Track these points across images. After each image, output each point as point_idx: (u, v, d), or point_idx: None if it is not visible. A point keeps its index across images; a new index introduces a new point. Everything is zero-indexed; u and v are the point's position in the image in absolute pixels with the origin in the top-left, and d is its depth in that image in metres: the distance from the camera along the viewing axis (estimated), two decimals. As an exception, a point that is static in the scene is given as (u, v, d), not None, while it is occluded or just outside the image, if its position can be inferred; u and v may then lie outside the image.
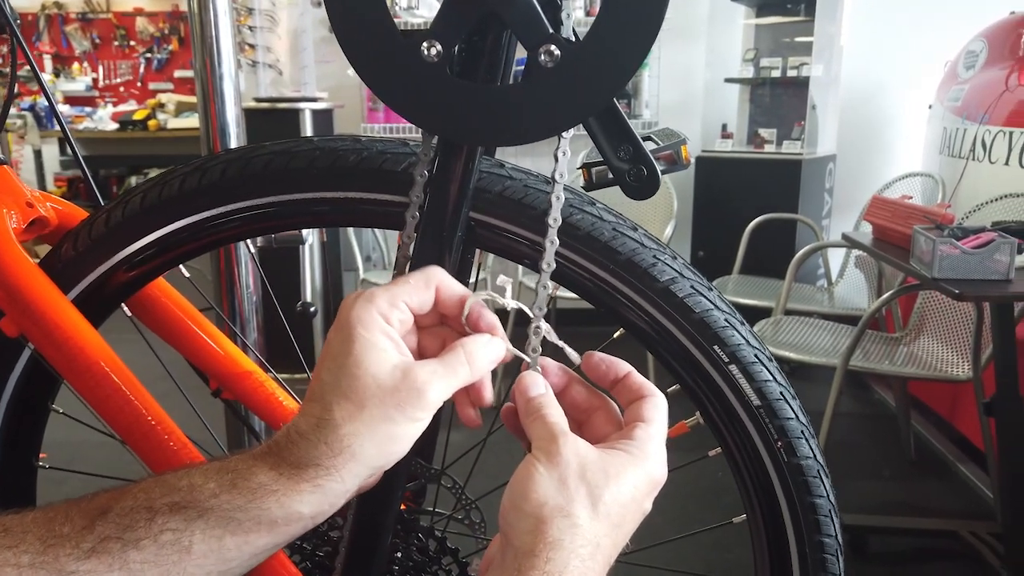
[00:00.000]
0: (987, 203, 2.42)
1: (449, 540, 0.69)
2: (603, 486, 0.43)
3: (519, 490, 0.44)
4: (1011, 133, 2.64)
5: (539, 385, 0.49)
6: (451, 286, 0.49)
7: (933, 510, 2.34)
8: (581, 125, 0.51)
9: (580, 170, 0.57)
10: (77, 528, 0.42)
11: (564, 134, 0.50)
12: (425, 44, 0.47)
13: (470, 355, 0.47)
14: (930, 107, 3.45)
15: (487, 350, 0.48)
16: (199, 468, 0.45)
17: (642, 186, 0.52)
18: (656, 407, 0.48)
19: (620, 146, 0.52)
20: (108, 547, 0.42)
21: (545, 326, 0.52)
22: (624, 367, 0.50)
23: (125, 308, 0.73)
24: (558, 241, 0.53)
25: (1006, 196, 2.38)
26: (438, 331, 0.50)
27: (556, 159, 0.51)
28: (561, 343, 0.51)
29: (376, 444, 0.44)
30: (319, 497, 0.44)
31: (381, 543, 0.63)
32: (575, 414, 0.50)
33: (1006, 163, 2.64)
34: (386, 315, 0.46)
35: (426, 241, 0.56)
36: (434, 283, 0.48)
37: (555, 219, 0.53)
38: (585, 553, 0.42)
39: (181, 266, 0.70)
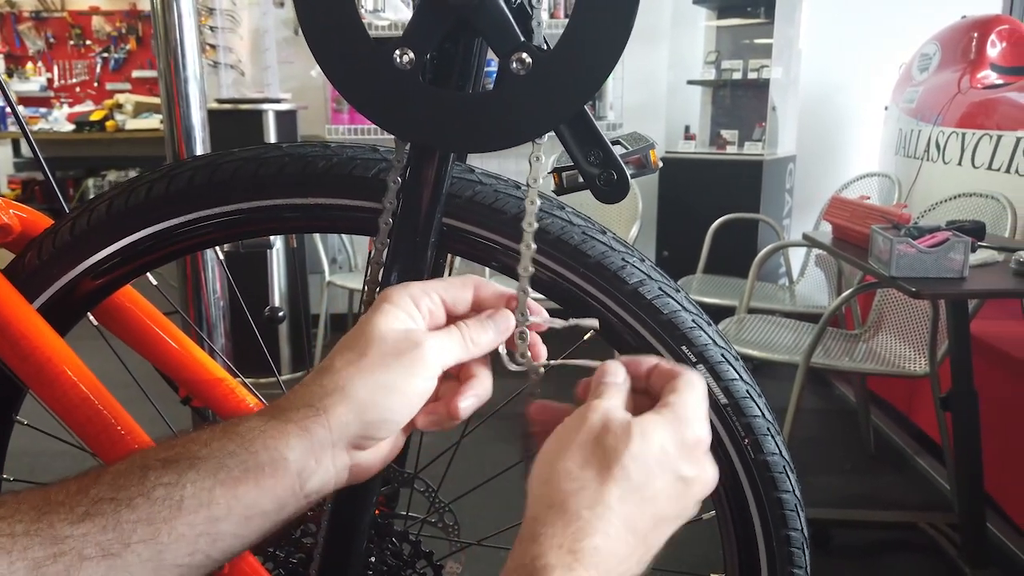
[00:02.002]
0: (941, 202, 2.48)
1: (423, 543, 0.69)
2: (621, 448, 0.43)
3: (539, 459, 0.45)
4: (963, 134, 2.71)
5: (616, 373, 0.49)
6: (491, 287, 0.52)
7: (893, 503, 2.40)
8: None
9: (551, 174, 0.57)
10: (71, 493, 0.42)
11: (538, 140, 0.51)
12: (398, 52, 0.48)
13: (463, 328, 0.49)
14: (886, 108, 3.53)
15: (485, 327, 0.50)
16: (197, 429, 0.46)
17: (612, 190, 0.53)
18: (688, 381, 0.48)
19: (590, 151, 0.53)
20: (101, 508, 0.41)
21: (543, 317, 0.53)
22: (651, 359, 0.51)
23: (92, 318, 0.72)
24: (535, 246, 0.54)
25: (959, 196, 2.45)
26: None
27: (530, 164, 0.52)
28: (570, 321, 0.53)
29: (369, 389, 0.45)
30: (305, 443, 0.44)
31: (356, 548, 0.63)
32: None
33: (959, 163, 2.72)
34: (416, 299, 0.48)
35: (399, 246, 0.56)
36: (471, 284, 0.51)
37: (530, 223, 0.53)
38: (590, 514, 0.42)
39: (148, 273, 0.70)
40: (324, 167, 0.59)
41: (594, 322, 0.53)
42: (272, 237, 1.09)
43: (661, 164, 0.59)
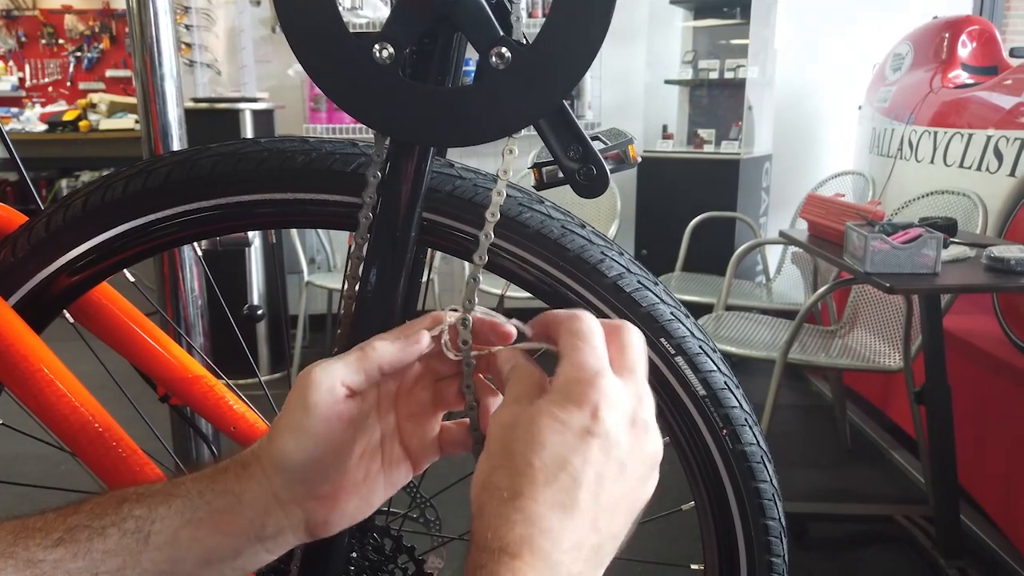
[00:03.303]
0: (914, 200, 2.52)
1: (404, 538, 0.69)
2: (519, 439, 0.41)
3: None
4: (935, 133, 2.75)
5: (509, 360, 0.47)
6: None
7: (869, 496, 2.43)
8: (531, 126, 0.52)
9: (531, 170, 0.58)
10: (49, 520, 0.42)
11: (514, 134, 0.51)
12: (377, 47, 0.48)
13: (365, 345, 0.47)
14: (860, 108, 3.58)
15: (387, 339, 0.47)
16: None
17: (592, 185, 0.53)
18: (568, 330, 0.44)
19: (569, 146, 0.53)
20: (76, 536, 0.42)
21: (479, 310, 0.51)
22: (550, 315, 0.47)
23: (68, 315, 0.71)
24: (493, 235, 0.54)
25: (932, 193, 2.48)
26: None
27: (503, 156, 0.52)
28: (500, 319, 0.50)
29: (281, 431, 0.45)
30: (260, 488, 0.45)
31: (337, 545, 0.63)
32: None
33: (931, 162, 2.76)
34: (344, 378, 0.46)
35: (379, 242, 0.56)
36: (429, 319, 0.49)
37: (493, 214, 0.54)
38: (504, 511, 0.40)
39: (125, 270, 0.69)
40: (303, 162, 0.59)
41: (541, 346, 0.51)
42: (250, 235, 1.09)
43: (640, 159, 0.59)
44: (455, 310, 0.50)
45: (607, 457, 0.41)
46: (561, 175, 0.55)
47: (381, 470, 0.49)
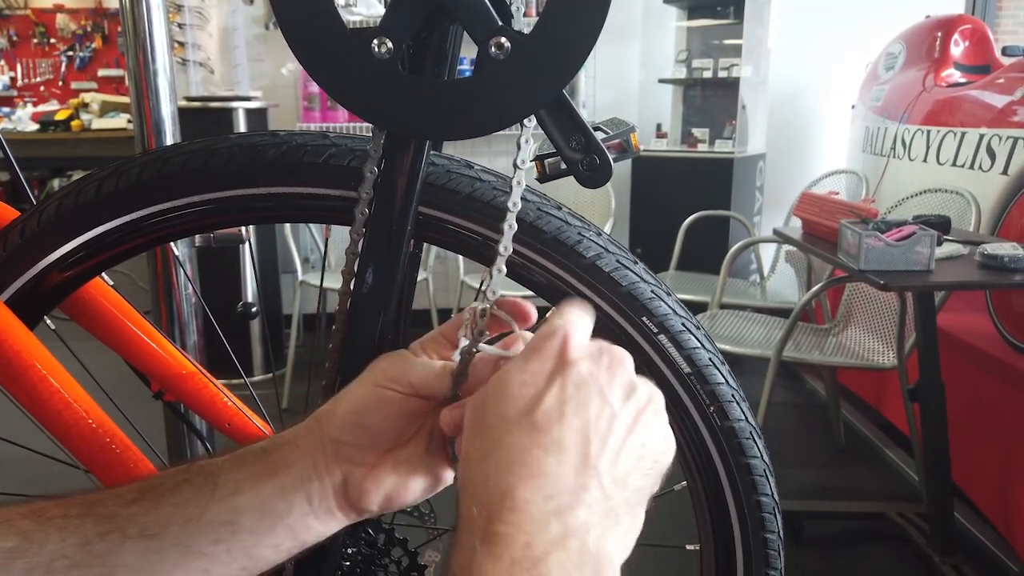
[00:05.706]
0: (908, 198, 2.53)
1: (398, 531, 0.69)
2: (489, 400, 0.42)
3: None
4: (928, 131, 2.76)
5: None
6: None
7: (863, 494, 2.44)
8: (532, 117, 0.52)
9: (533, 163, 0.57)
10: (121, 490, 0.45)
11: (526, 123, 0.51)
12: (376, 41, 0.47)
13: (446, 366, 0.48)
14: (853, 107, 3.59)
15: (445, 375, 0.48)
16: None
17: (595, 175, 0.53)
18: (555, 311, 0.46)
19: (572, 136, 0.53)
20: (149, 494, 0.44)
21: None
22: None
23: (48, 321, 0.70)
24: (516, 226, 0.52)
25: (925, 191, 2.49)
26: None
27: (519, 147, 0.52)
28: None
29: (352, 399, 0.46)
30: (312, 447, 0.46)
31: (332, 539, 0.63)
32: None
33: (924, 160, 2.77)
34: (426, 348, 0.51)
35: (375, 237, 0.56)
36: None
37: (515, 203, 0.52)
38: (481, 471, 0.40)
39: (104, 275, 0.68)
40: (273, 155, 0.59)
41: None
42: (244, 233, 1.08)
43: (642, 147, 0.59)
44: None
45: (585, 391, 0.40)
46: (564, 166, 0.54)
47: (424, 458, 0.48)
